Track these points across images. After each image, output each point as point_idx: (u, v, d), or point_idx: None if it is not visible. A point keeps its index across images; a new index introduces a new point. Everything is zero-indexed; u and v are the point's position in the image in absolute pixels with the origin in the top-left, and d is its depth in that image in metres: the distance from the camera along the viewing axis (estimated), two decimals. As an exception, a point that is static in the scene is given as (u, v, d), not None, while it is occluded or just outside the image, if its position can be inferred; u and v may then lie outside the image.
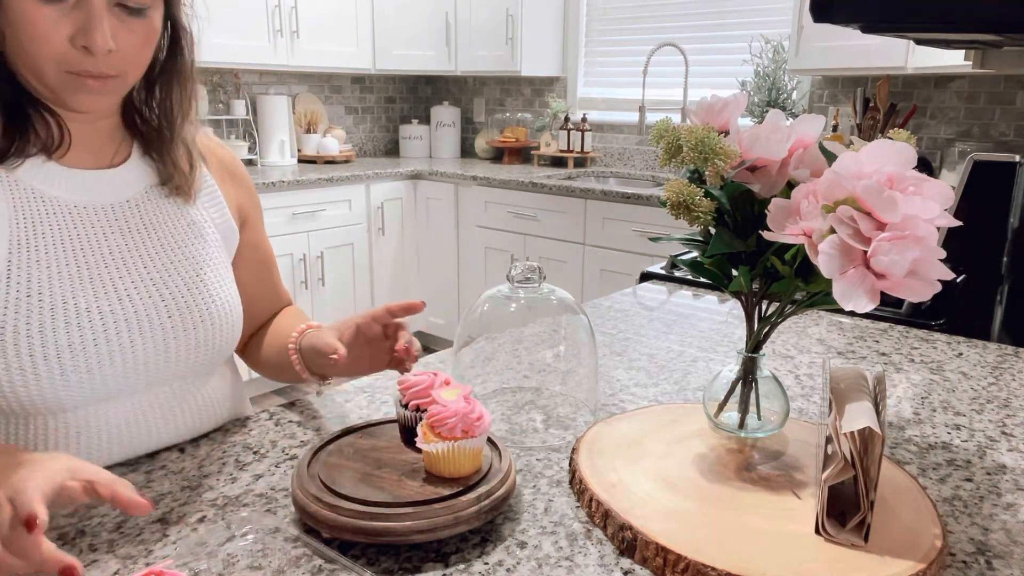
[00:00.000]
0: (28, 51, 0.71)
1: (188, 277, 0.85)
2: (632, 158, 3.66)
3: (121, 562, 0.63)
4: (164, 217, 0.86)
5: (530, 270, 0.87)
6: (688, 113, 0.77)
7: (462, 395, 0.71)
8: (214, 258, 0.89)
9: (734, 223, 0.73)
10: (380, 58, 3.76)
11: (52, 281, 0.76)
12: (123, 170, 0.84)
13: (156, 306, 0.82)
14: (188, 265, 0.86)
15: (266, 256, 1.03)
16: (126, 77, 0.77)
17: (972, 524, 0.71)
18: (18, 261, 0.74)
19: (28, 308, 0.74)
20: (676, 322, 1.32)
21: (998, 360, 1.16)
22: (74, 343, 0.76)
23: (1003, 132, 2.65)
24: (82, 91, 0.74)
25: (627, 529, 0.65)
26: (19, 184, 0.76)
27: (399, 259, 3.71)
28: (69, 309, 0.76)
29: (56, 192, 0.78)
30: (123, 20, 0.73)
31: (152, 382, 0.84)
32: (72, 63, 0.72)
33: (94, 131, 0.82)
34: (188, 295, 0.85)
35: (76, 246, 0.78)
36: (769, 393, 0.78)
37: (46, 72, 0.72)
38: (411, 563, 0.63)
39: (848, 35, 1.65)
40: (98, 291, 0.78)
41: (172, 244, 0.86)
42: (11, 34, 0.70)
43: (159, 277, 0.83)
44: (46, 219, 0.77)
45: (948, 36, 1.28)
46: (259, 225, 1.01)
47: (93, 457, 0.80)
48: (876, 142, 0.64)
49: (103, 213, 0.81)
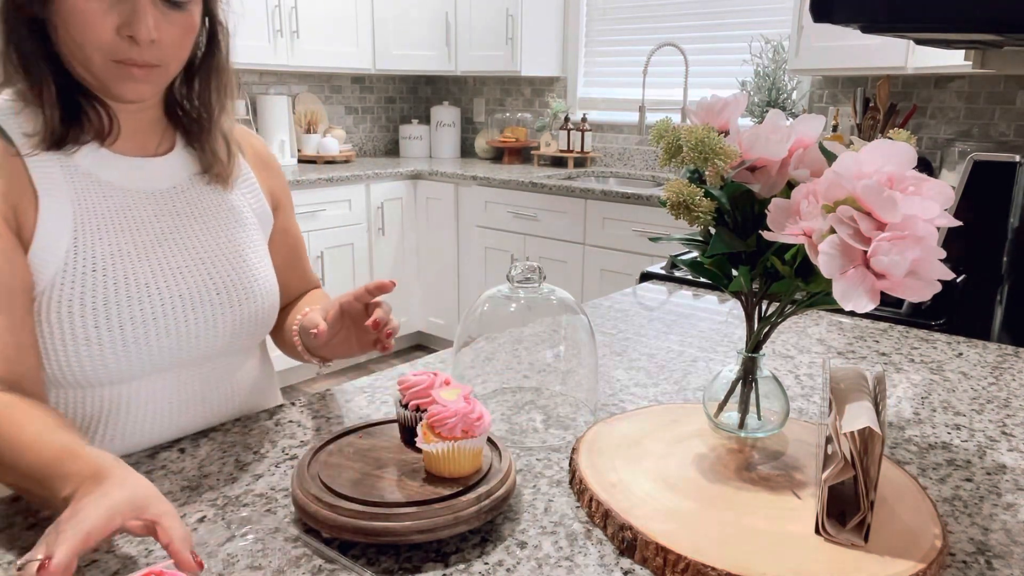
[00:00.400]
0: (78, 42, 0.76)
1: (232, 258, 0.92)
2: (632, 158, 3.66)
3: (121, 562, 0.63)
4: (207, 203, 0.92)
5: (530, 270, 0.87)
6: (688, 113, 0.77)
7: (462, 395, 0.71)
8: (253, 240, 0.96)
9: (734, 223, 0.73)
10: (380, 58, 3.76)
11: (114, 257, 0.82)
12: (168, 159, 0.91)
13: (205, 284, 0.88)
14: (231, 247, 0.92)
15: (296, 241, 1.08)
16: (167, 67, 0.82)
17: (972, 524, 0.71)
18: (83, 238, 0.81)
19: (94, 282, 0.80)
20: (676, 322, 1.32)
21: (998, 360, 1.16)
22: (135, 316, 0.82)
23: (1003, 132, 2.65)
24: (127, 79, 0.79)
25: (627, 529, 0.65)
26: (78, 170, 0.82)
27: (399, 259, 3.70)
28: (130, 284, 0.82)
29: (110, 177, 0.85)
30: (165, 13, 0.79)
31: (201, 358, 0.90)
32: (118, 52, 0.77)
33: (139, 121, 0.88)
34: (233, 274, 0.91)
35: (132, 226, 0.85)
36: (769, 393, 0.78)
37: (94, 61, 0.77)
38: (411, 563, 0.63)
39: (848, 35, 1.65)
40: (154, 268, 0.85)
41: (216, 227, 0.92)
42: (63, 27, 0.76)
43: (207, 257, 0.90)
44: (104, 201, 0.84)
45: (948, 36, 1.28)
46: (290, 211, 1.07)
47: (136, 433, 0.86)
48: (876, 142, 0.64)
49: (152, 198, 0.88)
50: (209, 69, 0.90)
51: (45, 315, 0.78)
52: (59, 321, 0.78)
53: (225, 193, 0.94)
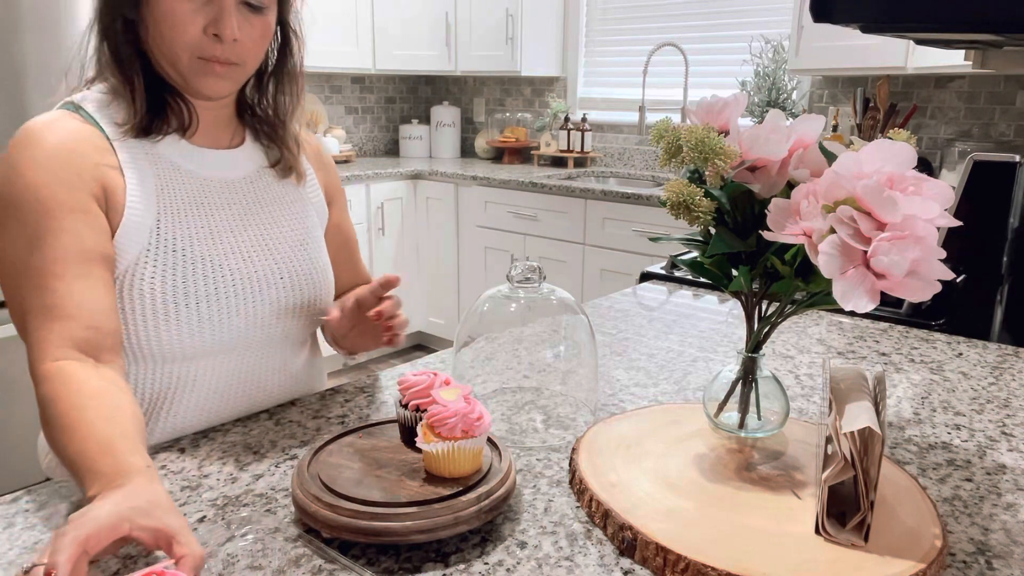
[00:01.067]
0: (167, 39, 0.84)
1: (295, 245, 0.98)
2: (632, 158, 3.66)
3: (121, 562, 0.63)
4: (273, 193, 0.99)
5: (530, 270, 0.87)
6: (688, 113, 0.77)
7: (462, 395, 0.71)
8: (313, 230, 1.02)
9: (734, 223, 0.73)
10: (380, 58, 3.75)
11: (192, 239, 0.89)
12: (239, 152, 0.98)
13: (271, 268, 0.95)
14: (294, 235, 0.99)
15: (348, 236, 1.14)
16: (244, 66, 0.89)
17: (972, 524, 0.71)
18: (165, 220, 0.87)
19: (174, 261, 0.87)
20: (676, 322, 1.32)
21: (998, 360, 1.16)
22: (210, 294, 0.88)
23: (1003, 132, 2.65)
24: (209, 75, 0.87)
25: (627, 529, 0.65)
26: (161, 158, 0.89)
27: (399, 259, 3.70)
28: (207, 264, 0.89)
29: (189, 166, 0.92)
30: (246, 16, 0.86)
31: (266, 339, 0.96)
32: (204, 50, 0.85)
33: (216, 118, 0.95)
34: (296, 260, 0.97)
35: (208, 211, 0.92)
36: (769, 393, 0.78)
37: (181, 58, 0.85)
38: (411, 563, 0.63)
39: (848, 35, 1.65)
40: (227, 251, 0.91)
41: (281, 216, 0.98)
42: (154, 26, 0.84)
43: (273, 243, 0.96)
44: (183, 186, 0.90)
45: (948, 36, 1.28)
46: (343, 207, 1.13)
47: (198, 410, 0.92)
48: (876, 142, 0.64)
49: (226, 186, 0.95)
50: (281, 74, 0.98)
51: (128, 291, 0.84)
52: (140, 296, 0.84)
53: (289, 186, 1.01)
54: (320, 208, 1.06)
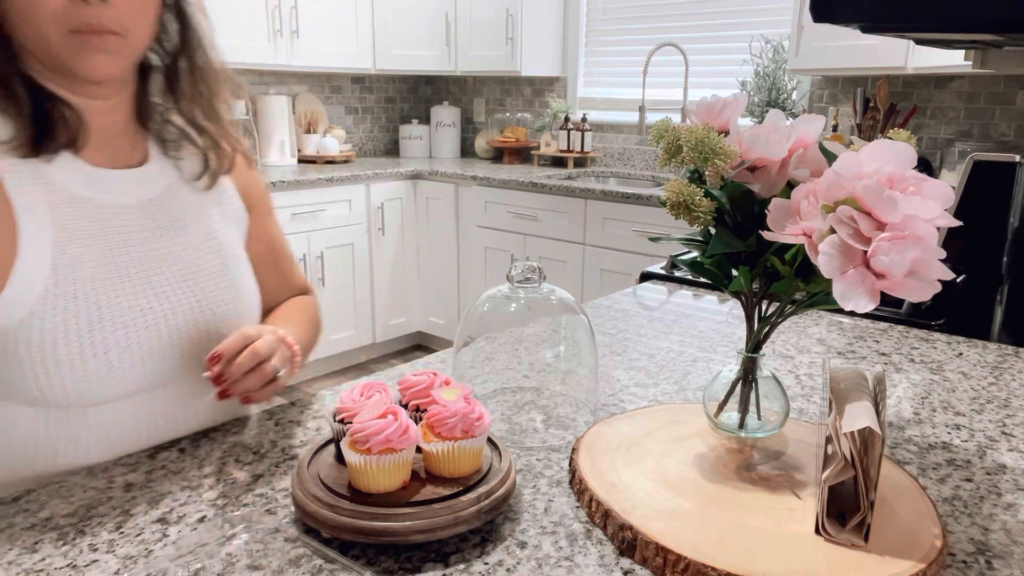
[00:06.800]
0: (29, 19, 0.73)
1: (216, 272, 0.89)
2: (632, 158, 3.66)
3: (121, 562, 0.63)
4: (187, 212, 0.89)
5: (530, 270, 0.87)
6: (688, 113, 0.77)
7: (462, 395, 0.71)
8: (233, 248, 0.93)
9: (734, 223, 0.73)
10: (380, 58, 3.76)
11: (95, 282, 0.79)
12: (146, 169, 0.87)
13: (191, 302, 0.85)
14: (213, 258, 0.89)
15: (273, 242, 1.03)
16: (127, 35, 0.77)
17: (972, 524, 0.71)
18: (63, 263, 0.77)
19: (76, 310, 0.77)
20: (676, 322, 1.32)
21: (998, 360, 1.16)
22: (119, 340, 0.79)
23: (1003, 132, 2.65)
24: (88, 51, 0.75)
25: (627, 529, 0.65)
26: (55, 188, 0.79)
27: (399, 259, 3.70)
28: (113, 308, 0.79)
29: (89, 193, 0.81)
30: None
31: (187, 373, 0.87)
32: (71, 18, 0.73)
33: (110, 125, 0.84)
34: (218, 289, 0.88)
35: (112, 245, 0.81)
36: (769, 393, 0.78)
37: (51, 38, 0.74)
38: (411, 563, 0.63)
39: (848, 35, 1.65)
40: (136, 289, 0.82)
41: (197, 238, 0.89)
42: (15, 11, 0.73)
43: (189, 272, 0.86)
44: (81, 219, 0.80)
45: (948, 36, 1.28)
46: (266, 211, 1.03)
47: (117, 449, 0.82)
48: (876, 142, 0.64)
49: (132, 212, 0.84)
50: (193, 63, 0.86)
51: (25, 343, 0.75)
52: (41, 349, 0.75)
53: (204, 200, 0.91)
54: (237, 213, 0.96)
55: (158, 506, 0.72)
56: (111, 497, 0.73)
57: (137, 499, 0.73)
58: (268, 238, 1.02)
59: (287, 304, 1.06)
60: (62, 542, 0.66)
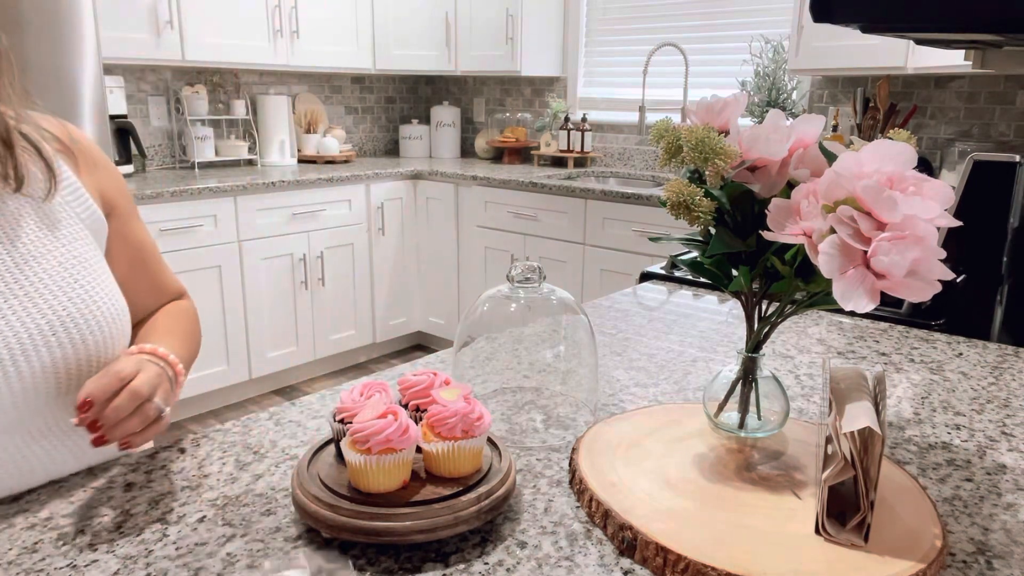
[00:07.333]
0: None
1: (65, 284, 0.77)
2: (632, 158, 3.66)
3: (121, 562, 0.63)
4: (21, 221, 0.76)
5: (530, 270, 0.87)
6: (688, 113, 0.77)
7: (462, 395, 0.71)
8: (88, 257, 0.81)
9: (734, 223, 0.73)
10: (380, 58, 3.76)
11: None
12: None
13: (38, 324, 0.73)
14: (62, 271, 0.77)
15: (139, 247, 0.93)
16: None
17: (972, 524, 0.71)
18: None
19: None
20: (676, 322, 1.32)
21: (998, 360, 1.16)
22: None
23: (1003, 132, 2.65)
24: None
25: (627, 529, 0.65)
26: None
27: (399, 259, 3.70)
28: None
29: None
30: None
31: (42, 408, 0.76)
32: None
33: None
34: (70, 304, 0.76)
35: None
36: (769, 393, 0.78)
37: None
38: (411, 563, 0.63)
39: (848, 35, 1.65)
40: None
41: (38, 251, 0.77)
42: None
43: (34, 290, 0.75)
44: None
45: (948, 36, 1.28)
46: (129, 213, 0.91)
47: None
48: (876, 142, 0.64)
49: None
50: None
51: None
52: None
53: (42, 205, 0.78)
54: (94, 221, 0.84)
55: (158, 506, 0.72)
56: (111, 497, 0.73)
57: (137, 499, 0.73)
58: (134, 242, 0.92)
59: (163, 312, 0.96)
60: (62, 542, 0.66)
